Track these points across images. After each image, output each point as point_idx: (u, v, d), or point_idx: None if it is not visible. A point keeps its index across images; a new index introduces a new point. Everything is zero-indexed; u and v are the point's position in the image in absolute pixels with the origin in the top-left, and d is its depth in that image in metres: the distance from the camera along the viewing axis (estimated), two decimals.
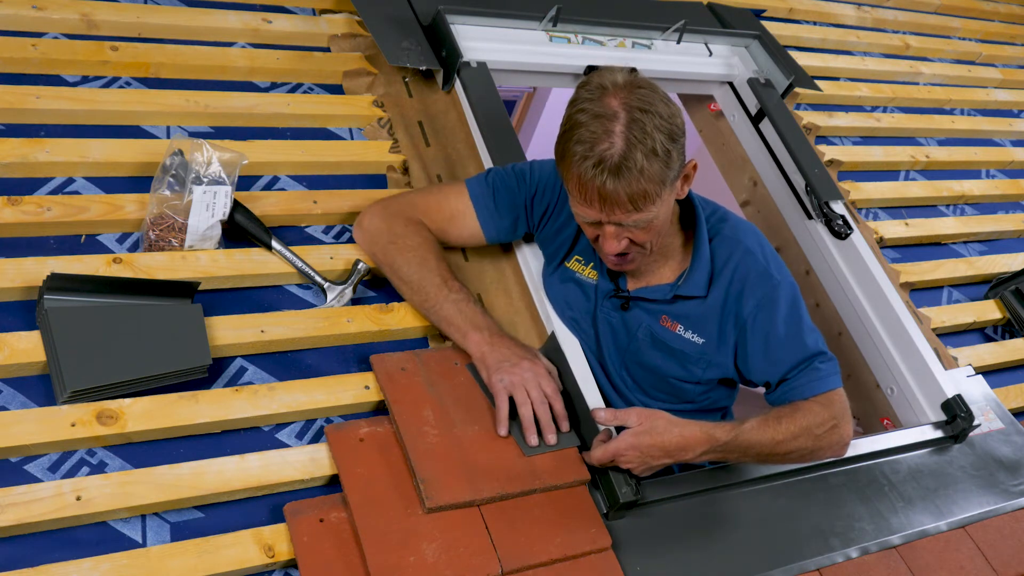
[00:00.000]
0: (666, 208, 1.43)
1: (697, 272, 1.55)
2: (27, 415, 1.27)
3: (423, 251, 1.58)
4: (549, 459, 1.47)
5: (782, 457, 1.50)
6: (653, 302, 1.59)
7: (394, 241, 1.58)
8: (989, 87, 3.07)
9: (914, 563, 1.63)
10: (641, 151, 1.33)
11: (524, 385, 1.47)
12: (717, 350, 1.58)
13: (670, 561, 1.47)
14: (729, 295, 1.55)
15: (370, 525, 1.30)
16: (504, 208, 1.65)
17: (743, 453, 1.47)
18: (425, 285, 1.55)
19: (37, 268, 1.40)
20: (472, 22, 2.04)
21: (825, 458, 1.57)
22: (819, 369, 1.52)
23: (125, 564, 1.20)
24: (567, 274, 1.66)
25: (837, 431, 1.50)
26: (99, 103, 1.65)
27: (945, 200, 2.55)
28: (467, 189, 1.65)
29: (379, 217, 1.62)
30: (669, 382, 1.63)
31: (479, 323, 1.53)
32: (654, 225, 1.43)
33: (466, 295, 1.57)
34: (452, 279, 1.57)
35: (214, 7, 1.90)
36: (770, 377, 1.55)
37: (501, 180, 1.65)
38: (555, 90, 5.07)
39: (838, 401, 1.52)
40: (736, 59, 2.41)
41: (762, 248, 1.58)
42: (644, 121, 1.34)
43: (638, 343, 1.61)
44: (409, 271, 1.57)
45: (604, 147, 1.34)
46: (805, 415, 1.49)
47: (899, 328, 2.03)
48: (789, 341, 1.53)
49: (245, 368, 1.46)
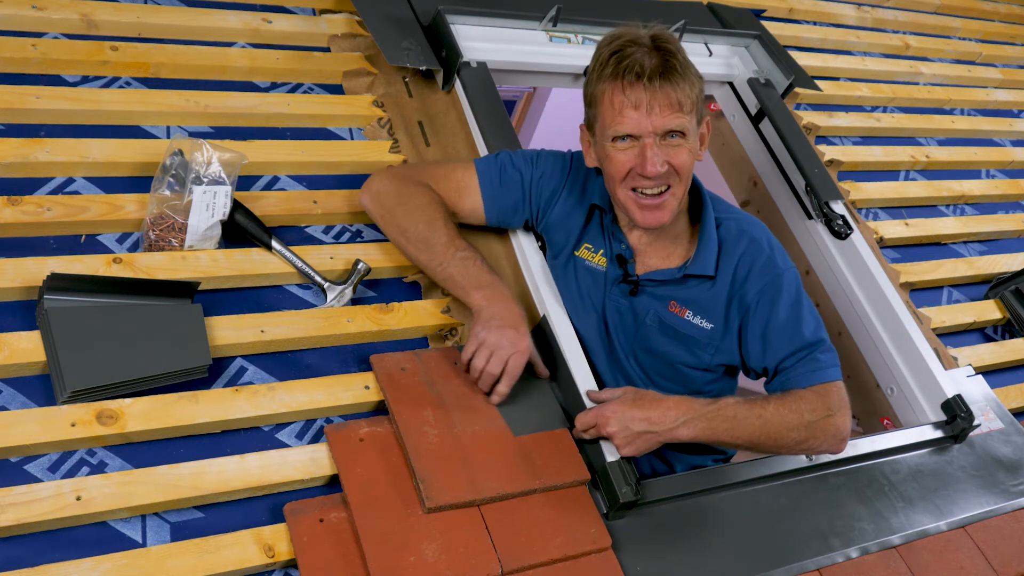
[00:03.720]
0: (694, 140, 1.50)
1: (705, 252, 1.57)
2: (27, 415, 1.27)
3: (430, 211, 1.59)
4: (549, 459, 1.47)
5: (773, 442, 1.49)
6: (662, 284, 1.60)
7: (402, 202, 1.60)
8: (989, 87, 3.07)
9: (914, 563, 1.63)
10: (678, 59, 1.46)
11: (492, 350, 1.48)
12: (724, 336, 1.59)
13: (670, 561, 1.47)
14: (735, 279, 1.57)
15: (370, 525, 1.30)
16: (508, 187, 1.67)
17: (731, 430, 1.47)
18: (432, 243, 1.57)
19: (37, 268, 1.40)
20: (472, 22, 2.04)
21: (821, 450, 1.55)
22: (818, 360, 1.53)
23: (125, 564, 1.20)
24: (577, 262, 1.67)
25: (832, 422, 1.49)
26: (99, 103, 1.65)
27: (945, 200, 2.55)
28: (475, 165, 1.68)
29: (388, 179, 1.64)
30: (677, 368, 1.63)
31: (483, 281, 1.54)
32: (687, 147, 1.49)
33: (472, 253, 1.57)
34: (458, 238, 1.58)
35: (214, 7, 1.90)
36: (767, 363, 1.57)
37: (509, 160, 1.69)
38: (555, 90, 5.06)
39: (835, 392, 1.51)
40: (736, 59, 2.41)
41: (768, 239, 1.60)
42: (674, 47, 1.47)
43: (646, 329, 1.62)
44: (416, 230, 1.58)
45: (642, 54, 1.45)
46: (797, 400, 1.49)
47: (899, 328, 2.03)
48: (788, 329, 1.54)
49: (245, 368, 1.46)
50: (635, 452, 1.47)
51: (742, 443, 1.50)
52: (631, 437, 1.45)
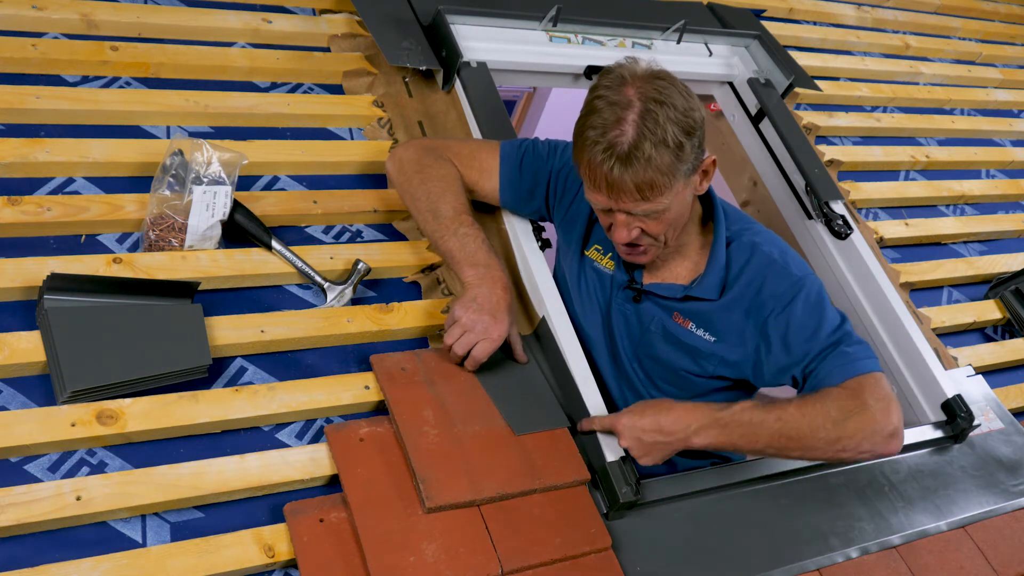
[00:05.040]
0: (679, 201, 1.43)
1: (710, 276, 1.55)
2: (27, 415, 1.27)
3: (445, 183, 1.61)
4: (549, 459, 1.47)
5: (799, 445, 1.40)
6: (665, 299, 1.60)
7: (420, 171, 1.62)
8: (989, 87, 3.07)
9: (914, 563, 1.63)
10: (651, 141, 1.34)
11: (464, 330, 1.48)
12: (731, 350, 1.57)
13: (670, 561, 1.47)
14: (746, 295, 1.54)
15: (370, 525, 1.30)
16: (527, 172, 1.67)
17: (748, 435, 1.40)
18: (439, 214, 1.58)
19: (37, 268, 1.40)
20: (472, 22, 2.04)
21: (864, 451, 1.40)
22: (847, 353, 1.44)
23: (125, 564, 1.20)
24: (587, 262, 1.67)
25: (869, 417, 1.37)
26: (99, 103, 1.65)
27: (945, 200, 2.55)
28: (500, 148, 1.69)
29: (412, 149, 1.67)
30: (680, 375, 1.63)
31: (478, 260, 1.53)
32: (666, 217, 1.43)
33: (475, 231, 1.57)
34: (466, 213, 1.59)
35: (214, 7, 1.90)
36: (795, 372, 1.51)
37: (533, 147, 1.69)
38: (555, 90, 5.06)
39: (871, 385, 1.40)
40: (736, 59, 2.41)
41: (781, 251, 1.56)
42: (658, 112, 1.35)
43: (651, 336, 1.62)
44: (428, 200, 1.60)
45: (615, 134, 1.35)
46: (823, 398, 1.40)
47: (899, 328, 2.03)
48: (809, 330, 1.48)
49: (245, 368, 1.46)
50: (653, 461, 1.46)
51: (763, 447, 1.42)
52: (645, 448, 1.44)
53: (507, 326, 1.51)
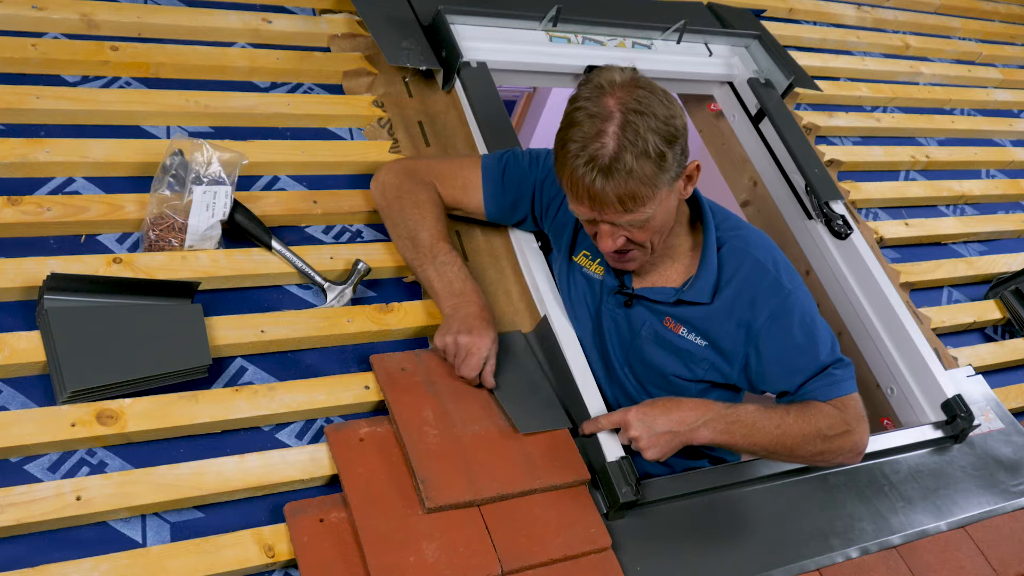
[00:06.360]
0: (664, 209, 1.43)
1: (702, 280, 1.55)
2: (27, 415, 1.27)
3: (424, 209, 1.61)
4: (549, 459, 1.47)
5: (788, 451, 1.48)
6: (656, 303, 1.60)
7: (400, 196, 1.63)
8: (989, 87, 3.07)
9: (914, 563, 1.63)
10: (632, 152, 1.33)
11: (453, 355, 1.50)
12: (721, 356, 1.58)
13: (670, 561, 1.47)
14: (737, 305, 1.54)
15: (370, 525, 1.30)
16: (510, 185, 1.67)
17: (748, 435, 1.46)
18: (417, 243, 1.59)
19: (37, 268, 1.40)
20: (472, 22, 2.04)
21: (836, 463, 1.55)
22: (833, 375, 1.51)
23: (125, 564, 1.20)
24: (575, 268, 1.67)
25: (850, 437, 1.49)
26: (99, 103, 1.64)
27: (945, 200, 2.55)
28: (481, 162, 1.69)
29: (394, 173, 1.67)
30: (670, 380, 1.63)
31: (454, 289, 1.55)
32: (651, 225, 1.44)
33: (452, 258, 1.57)
34: (443, 241, 1.59)
35: (214, 7, 1.90)
36: (787, 387, 1.55)
37: (514, 159, 1.69)
38: (555, 90, 5.07)
39: (852, 406, 1.50)
40: (736, 59, 2.41)
41: (773, 259, 1.56)
42: (638, 123, 1.34)
43: (641, 340, 1.62)
44: (407, 227, 1.61)
45: (595, 147, 1.34)
46: (817, 413, 1.48)
47: (899, 328, 2.03)
48: (806, 351, 1.52)
49: (245, 368, 1.46)
50: (659, 455, 1.46)
51: (758, 450, 1.49)
52: (655, 439, 1.45)
53: (492, 335, 1.52)
